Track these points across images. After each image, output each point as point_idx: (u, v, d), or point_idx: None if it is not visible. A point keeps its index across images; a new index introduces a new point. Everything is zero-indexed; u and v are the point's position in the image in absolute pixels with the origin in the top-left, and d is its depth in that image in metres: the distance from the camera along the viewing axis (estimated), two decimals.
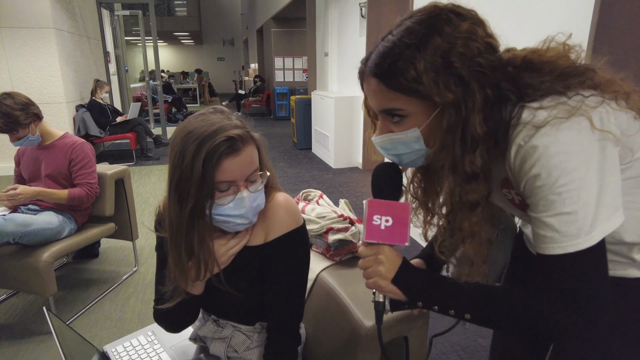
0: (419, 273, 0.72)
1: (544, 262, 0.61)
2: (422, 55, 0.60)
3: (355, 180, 4.70)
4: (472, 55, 0.60)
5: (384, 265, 0.70)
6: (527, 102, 0.61)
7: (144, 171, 5.09)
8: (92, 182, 2.14)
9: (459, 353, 1.84)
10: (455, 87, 0.60)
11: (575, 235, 0.57)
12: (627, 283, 0.69)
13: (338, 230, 1.21)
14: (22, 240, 1.92)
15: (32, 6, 4.55)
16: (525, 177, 0.60)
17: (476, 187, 0.64)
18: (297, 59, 9.92)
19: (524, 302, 0.63)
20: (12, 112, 1.93)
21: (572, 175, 0.56)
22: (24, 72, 4.68)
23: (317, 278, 1.17)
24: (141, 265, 2.67)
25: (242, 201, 0.80)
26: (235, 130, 0.77)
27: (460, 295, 0.68)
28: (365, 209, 0.71)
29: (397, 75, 0.61)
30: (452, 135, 0.62)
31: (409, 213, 0.70)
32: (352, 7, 4.97)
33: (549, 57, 0.65)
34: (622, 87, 0.63)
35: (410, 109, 0.64)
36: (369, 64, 0.66)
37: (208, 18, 18.20)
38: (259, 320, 0.99)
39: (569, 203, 0.56)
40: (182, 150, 0.77)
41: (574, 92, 0.60)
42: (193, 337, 1.08)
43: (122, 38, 7.83)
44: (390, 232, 0.69)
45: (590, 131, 0.57)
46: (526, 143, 0.58)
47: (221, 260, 0.87)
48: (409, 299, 0.70)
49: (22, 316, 2.14)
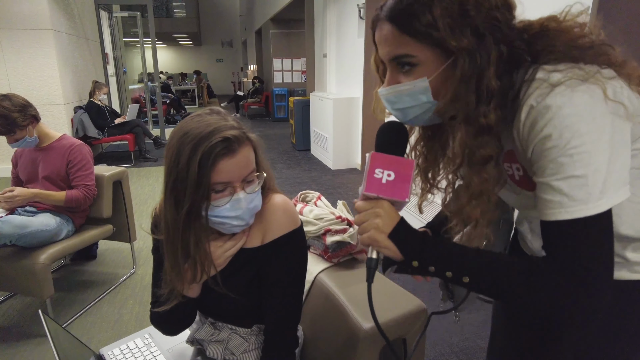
0: (418, 232, 0.68)
1: (549, 229, 0.59)
2: (438, 0, 0.59)
3: (353, 182, 4.70)
4: (489, 7, 0.59)
5: (381, 219, 0.66)
6: (541, 64, 0.60)
7: (142, 172, 5.08)
8: (90, 184, 2.14)
9: (458, 355, 1.83)
10: (471, 37, 0.59)
11: (584, 200, 0.55)
12: (619, 286, 0.68)
13: (336, 232, 1.21)
14: (19, 243, 1.91)
15: (31, 7, 4.54)
16: (536, 138, 0.58)
17: (490, 141, 0.62)
18: (295, 60, 9.93)
19: (527, 268, 0.60)
20: (10, 113, 1.92)
21: (584, 137, 0.54)
22: (22, 74, 4.67)
23: (315, 280, 1.17)
24: (139, 267, 2.67)
25: (239, 202, 0.80)
26: (231, 131, 0.77)
27: (460, 256, 0.64)
28: (367, 162, 0.67)
29: (412, 18, 0.60)
30: (466, 85, 0.61)
31: (413, 169, 0.66)
32: (350, 9, 4.98)
33: (565, 26, 0.64)
34: (636, 70, 0.61)
35: (422, 57, 0.62)
36: (385, 8, 0.64)
37: (207, 19, 18.21)
38: (256, 322, 0.98)
39: (580, 166, 0.55)
40: (178, 151, 0.76)
41: (587, 62, 0.59)
42: (190, 339, 1.08)
43: (120, 39, 7.82)
44: (392, 186, 0.66)
45: (603, 101, 0.55)
46: (539, 103, 0.57)
47: (218, 263, 0.87)
48: (405, 256, 0.66)
49: (19, 319, 2.14)
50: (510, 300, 0.64)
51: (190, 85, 14.19)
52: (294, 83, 9.92)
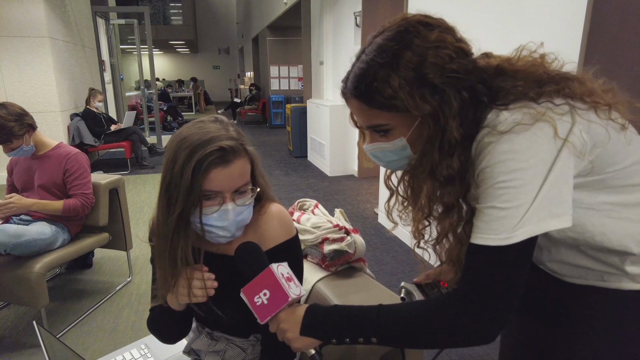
0: (321, 314, 0.75)
1: (468, 250, 0.64)
2: (395, 72, 0.62)
3: (350, 188, 4.71)
4: (444, 63, 0.62)
5: (289, 330, 0.74)
6: (498, 105, 0.63)
7: (138, 180, 5.06)
8: (88, 192, 2.12)
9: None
10: (431, 97, 0.62)
11: (497, 230, 0.59)
12: (624, 294, 0.69)
13: (334, 241, 1.21)
14: (13, 252, 1.89)
15: (27, 15, 4.55)
16: (477, 169, 0.63)
17: (452, 190, 0.66)
18: (292, 67, 9.97)
19: (424, 309, 0.67)
20: (6, 123, 1.91)
21: (513, 174, 0.58)
22: (18, 81, 4.66)
23: (313, 289, 1.16)
24: (135, 276, 2.65)
25: (226, 213, 0.80)
26: (228, 142, 0.77)
27: (363, 321, 0.71)
28: (245, 301, 0.76)
29: (375, 95, 0.64)
30: (432, 144, 0.65)
31: (274, 273, 0.74)
32: (346, 16, 5.01)
33: (520, 66, 0.67)
34: (603, 98, 0.63)
35: (393, 123, 0.67)
36: (349, 85, 0.69)
37: (204, 27, 18.27)
38: (253, 332, 0.98)
39: (503, 200, 0.59)
40: (175, 155, 0.77)
41: (544, 100, 0.62)
42: (187, 350, 1.07)
43: (117, 47, 7.83)
44: (273, 300, 0.74)
45: (551, 137, 0.58)
46: (483, 138, 0.62)
47: (195, 293, 0.83)
48: (324, 340, 0.74)
49: (13, 329, 2.11)
50: (417, 344, 0.74)
51: (187, 92, 14.22)
52: (290, 90, 9.94)
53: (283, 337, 0.75)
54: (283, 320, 0.75)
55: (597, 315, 0.72)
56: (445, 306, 0.66)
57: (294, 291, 0.75)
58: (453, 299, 0.65)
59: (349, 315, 0.73)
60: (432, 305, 0.69)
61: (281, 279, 0.74)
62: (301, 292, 0.77)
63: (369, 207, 4.01)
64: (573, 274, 0.73)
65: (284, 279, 0.75)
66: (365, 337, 0.70)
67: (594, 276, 0.71)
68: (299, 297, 0.76)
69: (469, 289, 0.63)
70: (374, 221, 3.61)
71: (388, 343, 0.72)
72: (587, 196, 0.65)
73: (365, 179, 5.04)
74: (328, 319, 0.74)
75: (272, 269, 0.75)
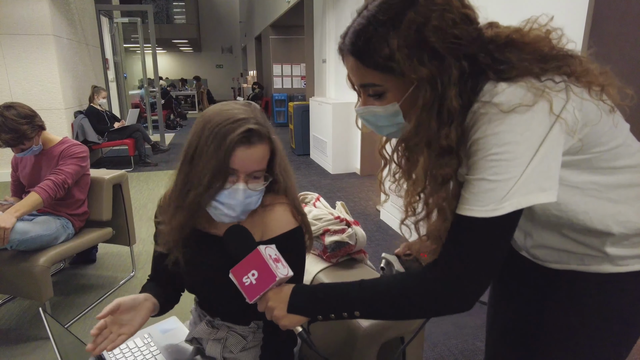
0: (307, 291, 0.78)
1: (454, 221, 0.64)
2: (395, 32, 0.60)
3: (353, 186, 4.71)
4: (447, 27, 0.59)
5: (276, 308, 0.76)
6: (500, 79, 0.62)
7: (142, 177, 5.08)
8: (60, 174, 2.00)
9: (457, 356, 1.83)
10: (430, 62, 0.60)
11: (484, 202, 0.59)
12: (604, 278, 0.70)
13: (334, 232, 1.22)
14: (19, 247, 1.91)
15: (32, 13, 4.58)
16: (470, 139, 0.62)
17: (450, 160, 0.65)
18: (295, 66, 9.99)
19: (404, 280, 0.69)
20: (19, 126, 1.92)
21: (505, 147, 0.58)
22: (22, 79, 4.69)
23: (314, 280, 1.18)
24: (138, 271, 2.67)
25: (237, 192, 0.82)
26: (255, 125, 0.81)
27: (346, 296, 0.73)
28: (234, 280, 0.79)
29: (372, 53, 0.62)
30: (428, 112, 0.63)
31: (262, 253, 0.77)
32: (349, 15, 4.95)
33: (530, 39, 0.66)
34: (597, 79, 0.64)
35: (388, 85, 0.65)
36: (346, 41, 0.66)
37: (207, 26, 18.31)
38: (254, 320, 0.99)
39: (493, 173, 0.59)
40: (207, 122, 0.81)
41: (547, 77, 0.61)
42: (189, 338, 1.08)
43: (121, 45, 7.87)
44: (261, 280, 0.77)
45: (546, 113, 0.58)
46: (479, 109, 0.61)
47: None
48: (310, 316, 0.76)
49: (18, 322, 2.13)
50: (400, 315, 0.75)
51: (190, 91, 14.26)
52: (293, 88, 9.96)
53: (271, 315, 0.77)
54: (271, 299, 0.77)
55: (578, 300, 0.73)
56: (425, 276, 0.67)
57: (281, 271, 0.77)
58: (433, 269, 0.66)
59: (333, 291, 0.76)
60: (412, 276, 0.71)
61: (269, 260, 0.77)
62: (289, 273, 0.79)
63: (371, 204, 4.02)
64: (554, 259, 0.74)
65: (271, 259, 0.77)
66: (349, 311, 0.72)
67: (575, 260, 0.72)
68: (287, 277, 0.79)
69: (451, 258, 0.63)
70: (376, 218, 3.62)
71: (371, 316, 0.74)
72: (572, 174, 0.65)
73: (368, 177, 5.05)
74: (313, 296, 0.77)
75: (259, 250, 0.78)
